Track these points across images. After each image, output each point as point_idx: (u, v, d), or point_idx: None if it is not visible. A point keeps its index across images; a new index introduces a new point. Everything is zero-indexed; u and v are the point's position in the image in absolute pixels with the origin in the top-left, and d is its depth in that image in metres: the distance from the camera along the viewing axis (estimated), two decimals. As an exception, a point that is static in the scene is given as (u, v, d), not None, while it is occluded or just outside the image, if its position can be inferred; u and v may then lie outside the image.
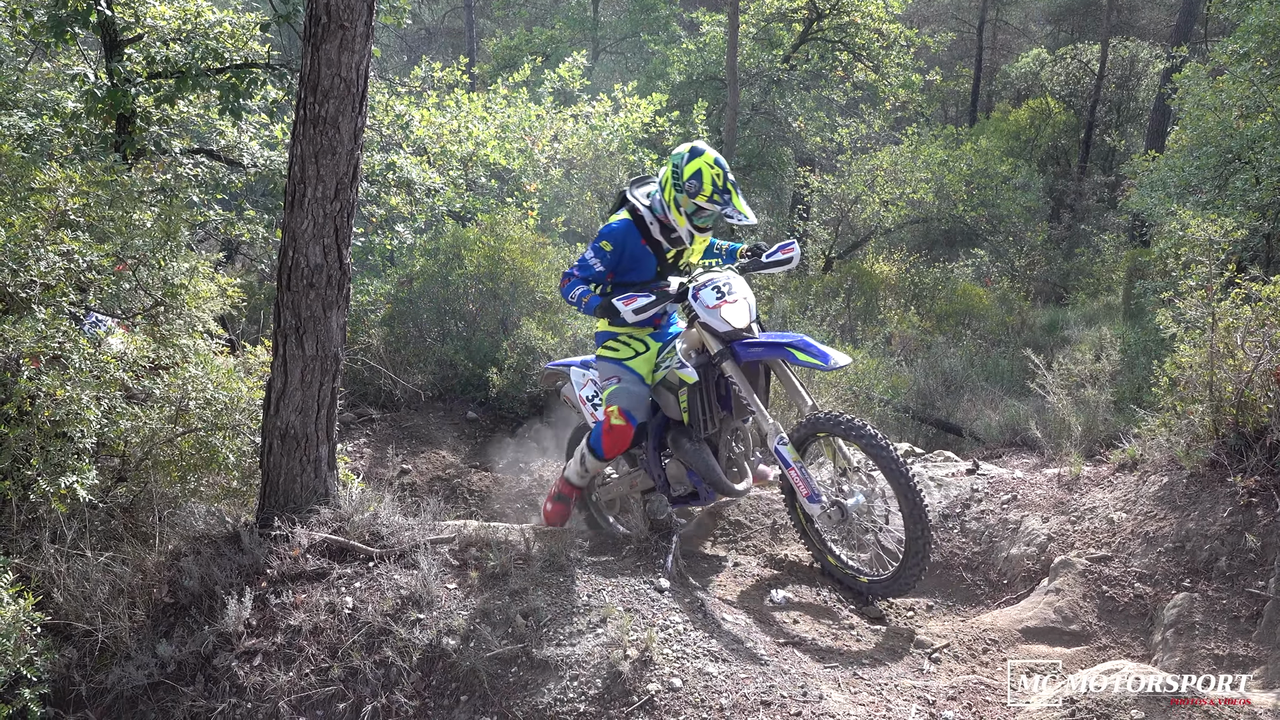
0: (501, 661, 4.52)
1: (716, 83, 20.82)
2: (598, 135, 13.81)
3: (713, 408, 5.60)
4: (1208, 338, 5.89)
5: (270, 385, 5.37)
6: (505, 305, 10.30)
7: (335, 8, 5.02)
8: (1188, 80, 14.32)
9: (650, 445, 5.90)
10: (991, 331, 14.93)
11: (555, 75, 15.09)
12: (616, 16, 25.71)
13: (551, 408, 9.83)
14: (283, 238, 5.29)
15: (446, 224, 11.37)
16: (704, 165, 5.49)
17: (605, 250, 5.67)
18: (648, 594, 4.99)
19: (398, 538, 5.27)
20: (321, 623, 4.77)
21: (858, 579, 5.45)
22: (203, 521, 5.36)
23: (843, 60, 20.96)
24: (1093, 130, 26.40)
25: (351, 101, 5.15)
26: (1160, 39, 26.98)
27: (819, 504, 5.36)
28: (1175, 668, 4.79)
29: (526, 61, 16.15)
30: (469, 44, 27.20)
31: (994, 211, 19.68)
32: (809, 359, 5.21)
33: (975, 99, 32.01)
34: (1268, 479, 5.39)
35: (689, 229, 5.68)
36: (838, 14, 20.64)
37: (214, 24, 8.93)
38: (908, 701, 4.32)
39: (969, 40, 31.88)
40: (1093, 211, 24.31)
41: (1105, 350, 8.77)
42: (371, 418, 9.71)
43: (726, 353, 5.45)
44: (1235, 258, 8.02)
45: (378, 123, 11.46)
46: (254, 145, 10.21)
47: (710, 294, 5.50)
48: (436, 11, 34.34)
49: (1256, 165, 11.27)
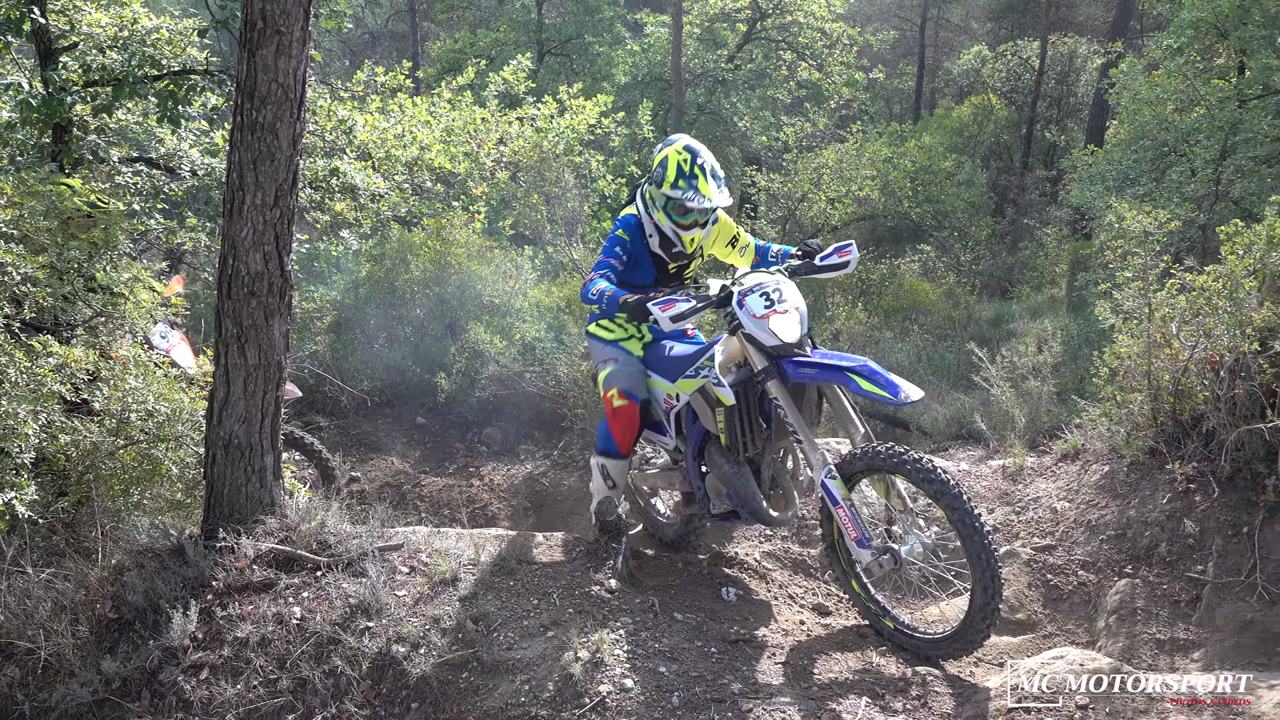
0: (452, 667, 4.50)
1: (662, 83, 20.89)
2: (544, 137, 13.78)
3: (754, 429, 4.99)
4: (1145, 328, 6.00)
5: (213, 395, 5.31)
6: (453, 309, 10.27)
7: (271, 13, 4.97)
8: (1124, 75, 14.58)
9: (689, 453, 5.35)
10: (938, 326, 15.06)
11: (500, 78, 15.05)
12: (561, 19, 25.67)
13: (503, 410, 9.82)
14: (222, 246, 5.24)
15: (392, 229, 11.30)
16: (671, 152, 5.07)
17: (623, 239, 5.21)
18: (598, 595, 5.00)
19: (346, 546, 5.24)
20: (269, 634, 4.73)
21: (913, 637, 4.75)
22: (146, 535, 5.29)
23: (787, 59, 21.12)
24: (1034, 126, 26.76)
25: (290, 107, 5.11)
26: (1097, 35, 27.39)
27: (869, 549, 4.65)
28: (1119, 653, 4.89)
29: (471, 64, 16.11)
30: (413, 47, 27.04)
31: (939, 207, 19.89)
32: (874, 389, 4.46)
33: (919, 96, 32.35)
34: (1204, 465, 5.49)
35: (671, 227, 5.19)
36: (781, 13, 20.79)
37: (151, 30, 8.78)
38: (858, 694, 4.35)
39: (911, 38, 32.24)
40: (1035, 206, 24.61)
41: (1047, 342, 8.89)
42: (319, 425, 9.63)
43: (772, 370, 4.80)
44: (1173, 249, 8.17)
45: (320, 128, 11.35)
46: (194, 153, 10.07)
47: (758, 301, 4.81)
48: (380, 15, 34.11)
49: (1191, 158, 11.51)
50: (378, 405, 10.03)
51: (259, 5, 4.97)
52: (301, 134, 5.23)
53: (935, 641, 4.64)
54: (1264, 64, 12.15)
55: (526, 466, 9.28)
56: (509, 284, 10.66)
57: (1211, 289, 5.72)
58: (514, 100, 15.28)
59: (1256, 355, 5.31)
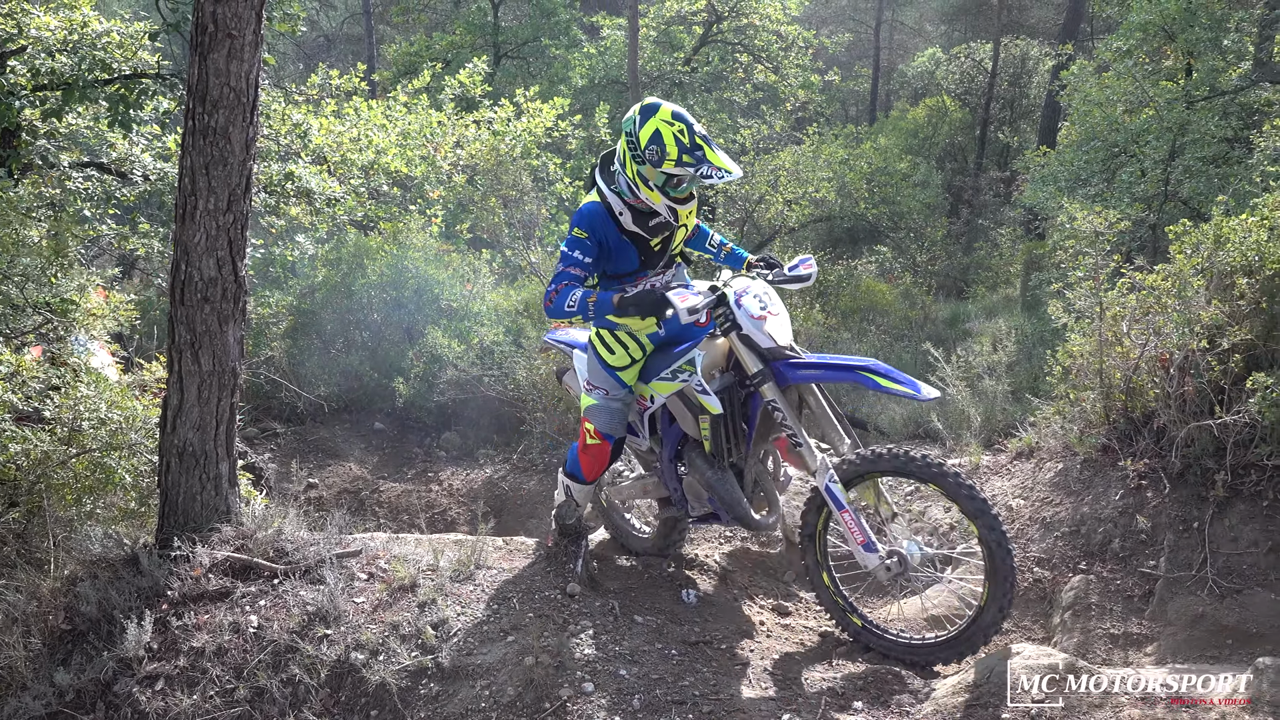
0: (412, 674, 4.48)
1: (618, 86, 20.91)
2: (500, 141, 13.77)
3: (739, 436, 4.92)
4: (1096, 327, 6.07)
5: (166, 402, 5.25)
6: (410, 314, 10.23)
7: (222, 16, 4.93)
8: (1075, 77, 14.78)
9: (664, 455, 5.25)
10: (895, 326, 15.16)
11: (456, 81, 15.01)
12: (517, 22, 25.64)
13: (462, 415, 9.78)
14: (175, 251, 5.18)
15: (349, 233, 11.24)
16: (660, 125, 4.58)
17: (582, 239, 4.76)
18: (558, 600, 4.99)
19: (303, 553, 5.19)
20: (225, 643, 4.68)
21: (883, 638, 4.74)
22: (100, 545, 5.22)
23: (743, 62, 21.21)
24: (988, 127, 27.01)
25: (242, 111, 5.06)
26: (1049, 37, 27.67)
27: (876, 553, 4.57)
28: (1074, 648, 4.94)
29: (427, 68, 16.04)
30: (369, 51, 26.88)
31: (895, 208, 20.01)
32: (896, 386, 4.40)
33: (874, 98, 32.58)
34: (1156, 462, 5.57)
35: (667, 204, 4.72)
36: (737, 16, 20.87)
37: (101, 34, 8.69)
38: (817, 694, 4.38)
39: (866, 41, 32.46)
40: (990, 206, 24.84)
41: (1002, 342, 8.98)
42: (276, 432, 9.55)
43: (768, 373, 4.71)
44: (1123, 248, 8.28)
45: (274, 132, 11.26)
46: (146, 157, 9.96)
47: (754, 303, 4.71)
48: (335, 18, 33.89)
49: (1141, 158, 11.67)
50: (335, 411, 9.96)
51: (210, 8, 4.92)
52: (255, 138, 5.18)
53: (918, 647, 4.62)
54: (1210, 65, 12.36)
55: (486, 471, 9.25)
56: (467, 288, 10.63)
57: (1161, 288, 5.80)
58: (470, 103, 15.25)
59: (1205, 353, 5.40)
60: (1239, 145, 11.11)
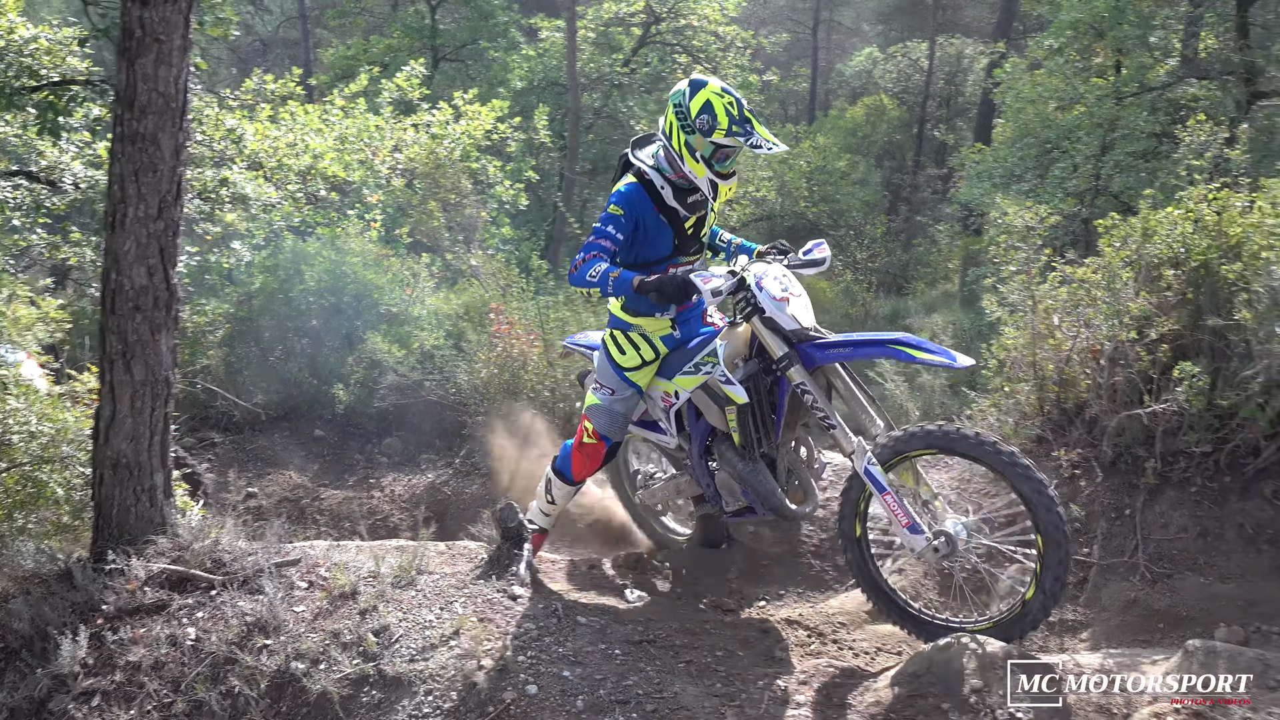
0: (353, 682, 4.44)
1: (558, 88, 20.88)
2: (439, 144, 13.70)
3: (767, 425, 4.85)
4: (1029, 320, 6.17)
5: (98, 414, 5.17)
6: (349, 319, 10.14)
7: (149, 21, 4.86)
8: (1008, 75, 15.00)
9: (694, 451, 5.19)
10: (836, 323, 15.29)
11: (394, 84, 14.91)
12: (455, 24, 25.48)
13: (403, 420, 9.72)
14: (105, 260, 5.11)
15: (286, 239, 11.10)
16: (711, 96, 4.63)
17: (619, 216, 4.76)
18: (501, 602, 4.98)
19: (241, 563, 5.13)
20: (163, 656, 4.61)
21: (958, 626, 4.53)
22: (32, 560, 5.12)
23: (682, 62, 21.25)
24: (924, 125, 27.39)
25: (171, 117, 5.00)
26: (983, 36, 28.08)
27: (923, 535, 4.48)
28: (1011, 637, 5.01)
29: (364, 71, 15.93)
30: (305, 55, 26.63)
31: (835, 206, 20.24)
32: (930, 357, 4.36)
33: (813, 98, 32.84)
34: (1089, 451, 5.67)
35: (710, 177, 4.73)
36: (675, 17, 20.93)
37: (29, 40, 8.51)
38: (761, 689, 4.40)
39: (804, 41, 32.70)
40: (928, 203, 25.18)
41: (940, 337, 9.09)
42: (213, 441, 9.43)
43: (794, 356, 4.65)
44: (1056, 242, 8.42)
45: (208, 137, 11.10)
46: (77, 165, 9.78)
47: (775, 285, 4.67)
48: (270, 22, 33.47)
49: (1073, 154, 11.89)
50: (274, 419, 9.85)
51: (137, 13, 4.85)
52: (185, 144, 5.12)
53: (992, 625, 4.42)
54: (1139, 62, 12.61)
55: (428, 476, 9.19)
56: (406, 292, 10.56)
57: (1091, 281, 5.90)
58: (409, 107, 15.15)
59: (1134, 343, 5.51)
60: (1166, 140, 11.35)
